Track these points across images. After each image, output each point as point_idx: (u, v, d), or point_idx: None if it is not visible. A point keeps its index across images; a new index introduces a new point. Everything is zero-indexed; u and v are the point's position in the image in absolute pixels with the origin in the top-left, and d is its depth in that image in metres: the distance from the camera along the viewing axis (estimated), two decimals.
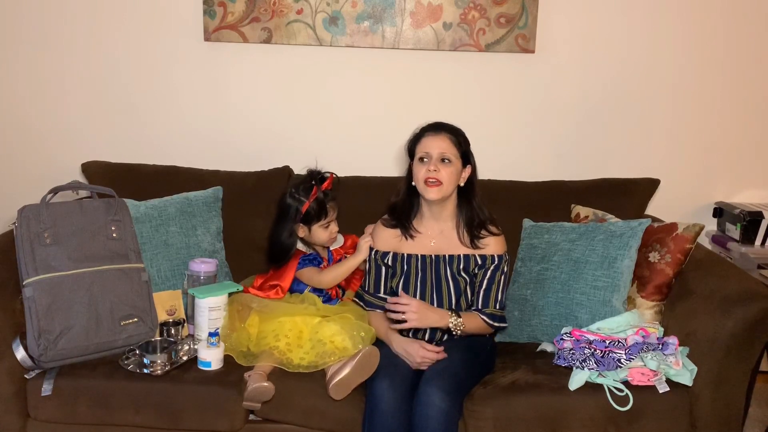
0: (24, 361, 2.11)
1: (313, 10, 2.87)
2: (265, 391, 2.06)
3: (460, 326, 2.20)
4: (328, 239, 2.40)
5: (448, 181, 2.23)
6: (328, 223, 2.37)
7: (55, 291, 2.13)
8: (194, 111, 2.99)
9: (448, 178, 2.23)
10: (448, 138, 2.25)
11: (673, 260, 2.30)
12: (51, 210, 2.23)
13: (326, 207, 2.35)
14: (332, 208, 2.38)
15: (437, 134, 2.25)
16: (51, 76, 2.96)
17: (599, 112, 2.99)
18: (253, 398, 2.06)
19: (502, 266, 2.31)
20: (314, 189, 2.35)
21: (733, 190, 3.04)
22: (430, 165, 2.22)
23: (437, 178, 2.21)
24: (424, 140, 2.26)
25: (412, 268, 2.31)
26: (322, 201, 2.35)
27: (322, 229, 2.37)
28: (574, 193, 2.73)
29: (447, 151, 2.23)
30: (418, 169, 2.25)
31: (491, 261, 2.29)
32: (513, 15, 2.87)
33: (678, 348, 2.11)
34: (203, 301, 2.25)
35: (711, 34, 2.93)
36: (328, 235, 2.39)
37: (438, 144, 2.24)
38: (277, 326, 2.21)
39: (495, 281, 2.29)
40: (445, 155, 2.23)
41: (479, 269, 2.29)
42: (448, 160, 2.23)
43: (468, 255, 2.29)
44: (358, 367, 2.04)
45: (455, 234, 2.31)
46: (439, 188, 2.23)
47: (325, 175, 2.40)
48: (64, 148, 3.00)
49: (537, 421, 2.06)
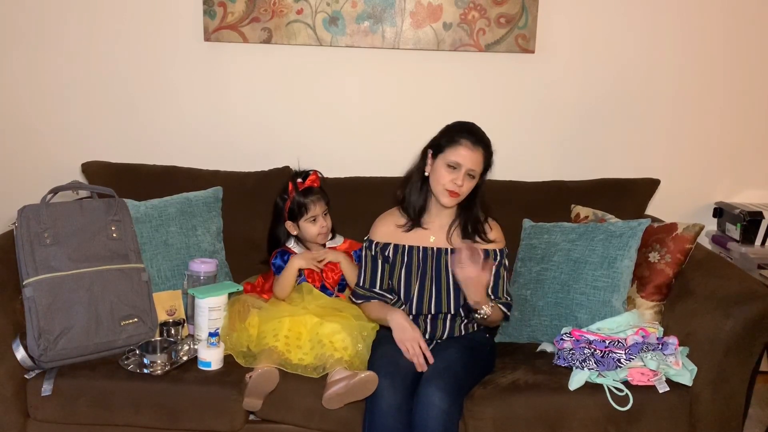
0: (24, 361, 2.11)
1: (313, 10, 2.87)
2: (270, 376, 2.05)
3: (488, 313, 2.20)
4: (317, 233, 2.43)
5: (465, 194, 2.27)
6: (313, 217, 2.41)
7: (55, 291, 2.13)
8: (194, 111, 2.99)
9: (468, 191, 2.27)
10: (482, 155, 2.25)
11: (673, 260, 2.30)
12: (51, 210, 2.23)
13: (306, 203, 2.41)
14: (314, 202, 2.42)
15: (476, 149, 2.24)
16: (51, 76, 2.96)
17: (599, 112, 2.99)
18: (257, 386, 2.06)
19: (504, 261, 2.33)
20: (290, 186, 2.45)
21: (733, 190, 3.04)
22: (458, 178, 2.22)
23: (458, 192, 2.24)
24: (460, 148, 2.23)
25: (413, 259, 2.31)
26: (301, 198, 2.42)
27: (309, 224, 2.43)
28: (574, 193, 2.73)
29: (477, 168, 2.25)
30: (443, 174, 2.24)
31: (494, 257, 2.31)
32: (513, 15, 2.87)
33: (678, 348, 2.10)
34: (203, 301, 2.25)
35: (711, 33, 2.93)
36: (317, 229, 2.42)
37: (473, 159, 2.23)
38: (277, 326, 2.21)
39: (501, 276, 2.31)
40: (474, 172, 2.24)
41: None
42: (474, 177, 2.25)
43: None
44: (353, 388, 2.03)
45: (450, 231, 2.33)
46: (457, 199, 2.26)
47: (307, 173, 2.48)
48: (64, 148, 3.00)
49: (537, 421, 2.06)
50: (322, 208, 2.44)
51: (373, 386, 2.04)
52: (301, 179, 2.46)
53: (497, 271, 2.30)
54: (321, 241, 2.47)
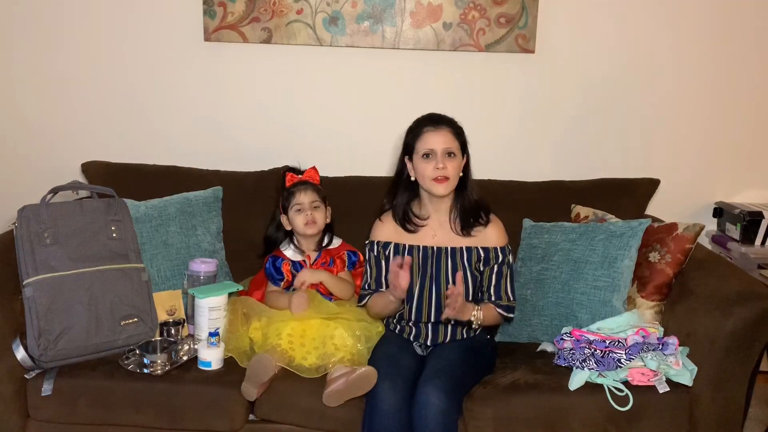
0: (24, 361, 2.11)
1: (313, 10, 2.87)
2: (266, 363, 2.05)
3: (480, 319, 2.20)
4: (304, 224, 2.42)
5: (454, 174, 2.24)
6: (299, 206, 2.42)
7: (55, 291, 2.13)
8: (194, 111, 2.99)
9: (454, 172, 2.24)
10: (449, 131, 2.24)
11: (673, 260, 2.30)
12: (51, 210, 2.23)
13: (293, 191, 2.44)
14: (301, 191, 2.43)
15: (438, 129, 2.23)
16: (51, 76, 2.96)
17: (599, 112, 2.98)
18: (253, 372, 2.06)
19: (507, 259, 2.31)
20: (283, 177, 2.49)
21: (733, 190, 3.04)
22: (438, 162, 2.20)
23: (445, 175, 2.21)
24: (425, 136, 2.23)
25: (414, 259, 2.29)
26: (289, 187, 2.44)
27: (295, 213, 2.43)
28: (574, 193, 2.73)
29: (451, 146, 2.23)
30: (423, 167, 2.23)
31: (495, 256, 2.29)
32: (513, 15, 2.87)
33: (678, 348, 2.10)
34: (203, 301, 2.25)
35: (711, 33, 2.92)
36: (303, 219, 2.41)
37: (441, 139, 2.22)
38: (280, 326, 2.21)
39: (503, 275, 2.29)
40: (450, 149, 2.22)
41: (484, 265, 2.28)
42: (453, 154, 2.23)
43: (470, 247, 2.28)
44: (353, 384, 2.03)
45: (450, 224, 2.31)
46: (448, 183, 2.23)
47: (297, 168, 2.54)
48: (64, 147, 3.00)
49: (537, 421, 2.06)
50: (310, 198, 2.42)
51: (372, 381, 2.03)
52: (294, 173, 2.49)
53: (499, 269, 2.29)
54: (310, 233, 2.42)
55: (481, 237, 2.30)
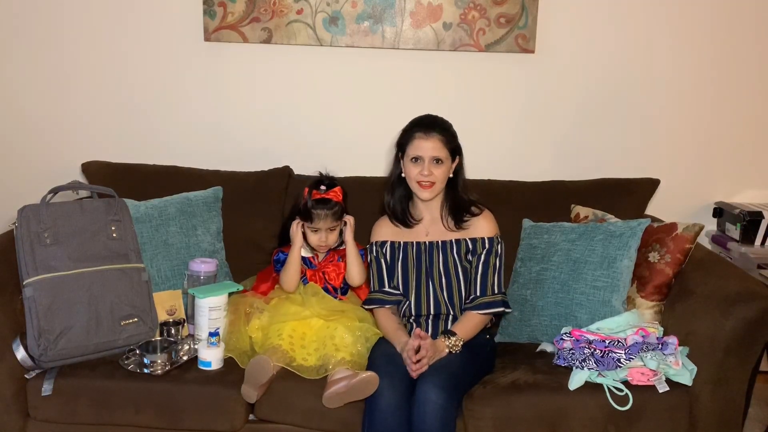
0: (24, 361, 2.11)
1: (313, 10, 2.87)
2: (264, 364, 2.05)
3: (459, 343, 2.19)
4: (316, 245, 2.40)
5: (440, 180, 2.28)
6: (315, 228, 2.36)
7: (55, 291, 2.13)
8: (194, 111, 2.99)
9: (441, 177, 2.28)
10: (439, 139, 2.26)
11: (673, 260, 2.30)
12: (51, 210, 2.23)
13: (313, 214, 2.34)
14: (321, 217, 2.34)
15: (428, 136, 2.26)
16: (51, 76, 2.96)
17: (599, 112, 2.98)
18: (251, 374, 2.06)
19: (494, 249, 2.32)
20: (306, 190, 2.38)
21: (733, 190, 3.04)
22: (424, 169, 2.25)
23: (431, 180, 2.26)
24: (415, 142, 2.27)
25: (409, 255, 2.34)
26: (310, 205, 2.35)
27: (310, 231, 2.38)
28: (574, 193, 2.73)
29: (439, 154, 2.26)
30: (411, 169, 2.28)
31: (482, 245, 2.31)
32: (513, 15, 2.87)
33: (678, 348, 2.10)
34: (203, 301, 2.25)
35: (711, 33, 2.92)
36: (316, 240, 2.38)
37: (431, 146, 2.26)
38: (281, 326, 2.22)
39: (490, 265, 2.30)
40: (438, 157, 2.26)
41: (472, 255, 2.30)
42: (441, 161, 2.27)
43: (459, 239, 2.32)
44: (354, 388, 2.03)
45: (442, 221, 2.35)
46: (432, 189, 2.28)
47: (323, 183, 2.39)
48: (64, 147, 3.00)
49: (537, 421, 2.06)
50: (328, 225, 2.36)
51: (373, 387, 2.04)
52: (325, 187, 2.38)
53: (486, 259, 2.30)
54: (321, 252, 2.44)
55: (471, 229, 2.34)
